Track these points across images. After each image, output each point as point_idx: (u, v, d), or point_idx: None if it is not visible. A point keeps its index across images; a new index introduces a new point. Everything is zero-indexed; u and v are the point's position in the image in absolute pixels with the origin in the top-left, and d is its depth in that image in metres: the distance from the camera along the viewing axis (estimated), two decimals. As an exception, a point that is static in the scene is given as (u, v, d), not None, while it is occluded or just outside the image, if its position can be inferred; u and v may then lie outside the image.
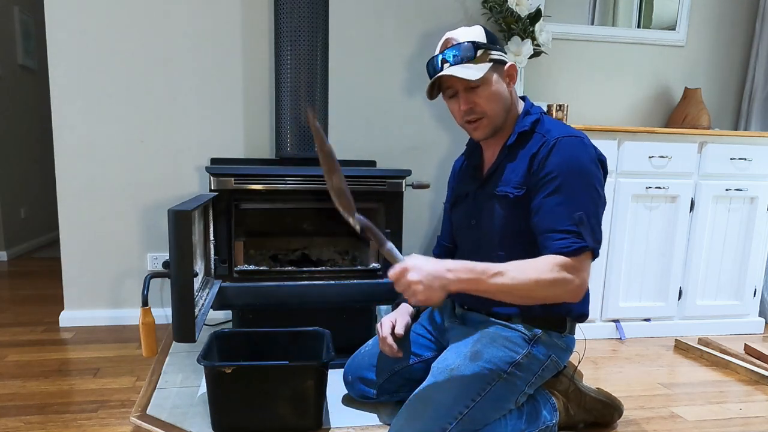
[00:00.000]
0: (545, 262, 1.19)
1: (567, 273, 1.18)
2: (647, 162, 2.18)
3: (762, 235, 2.33)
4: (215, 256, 1.80)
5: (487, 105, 1.30)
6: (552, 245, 1.21)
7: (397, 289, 1.14)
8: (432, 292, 1.11)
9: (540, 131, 1.32)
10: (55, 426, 1.45)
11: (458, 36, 1.30)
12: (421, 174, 2.43)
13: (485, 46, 1.28)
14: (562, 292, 1.19)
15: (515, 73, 1.35)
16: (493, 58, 1.29)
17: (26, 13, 3.81)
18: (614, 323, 2.29)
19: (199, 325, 1.40)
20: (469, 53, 1.27)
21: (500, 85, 1.31)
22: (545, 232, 1.23)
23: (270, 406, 1.38)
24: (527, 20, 2.21)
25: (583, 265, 1.20)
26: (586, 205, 1.22)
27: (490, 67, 1.28)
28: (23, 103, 3.83)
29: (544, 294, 1.19)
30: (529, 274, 1.16)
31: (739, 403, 1.73)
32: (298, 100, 1.94)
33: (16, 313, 2.43)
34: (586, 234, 1.20)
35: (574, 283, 1.19)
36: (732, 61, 2.68)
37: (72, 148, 2.18)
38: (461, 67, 1.27)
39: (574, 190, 1.22)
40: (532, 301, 1.21)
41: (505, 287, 1.15)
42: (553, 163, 1.24)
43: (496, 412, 1.28)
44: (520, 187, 1.30)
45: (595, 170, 1.25)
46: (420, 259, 1.14)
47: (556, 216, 1.22)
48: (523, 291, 1.17)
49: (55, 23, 2.10)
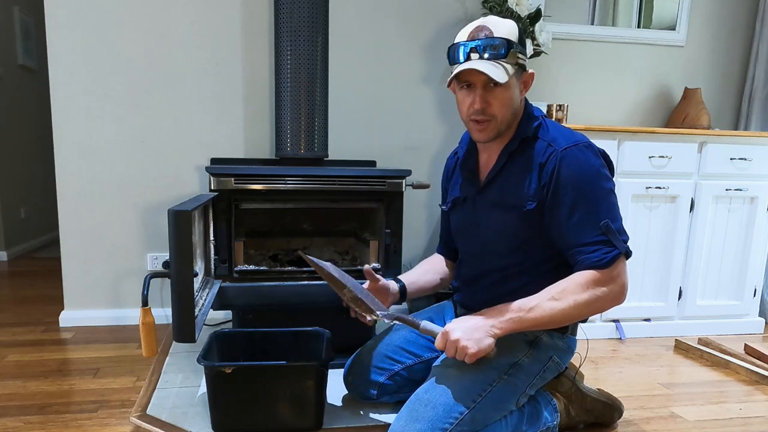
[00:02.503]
0: (578, 282, 1.20)
1: (601, 287, 1.19)
2: (647, 162, 2.18)
3: (762, 235, 2.33)
4: (215, 256, 1.80)
5: (499, 108, 1.25)
6: (586, 259, 1.21)
7: (449, 356, 1.21)
8: (479, 343, 1.18)
9: (544, 138, 1.29)
10: (55, 426, 1.45)
11: (493, 27, 1.22)
12: (421, 174, 2.43)
13: (516, 48, 1.22)
14: (603, 304, 1.22)
15: (531, 81, 1.31)
16: (519, 63, 1.25)
17: (26, 13, 3.81)
18: (614, 323, 2.29)
19: (199, 325, 1.40)
20: (501, 52, 1.20)
21: (516, 91, 1.27)
22: (574, 246, 1.23)
23: (270, 406, 1.38)
24: (527, 20, 2.21)
25: (619, 271, 1.21)
26: (607, 212, 1.22)
27: (514, 71, 1.24)
28: (23, 103, 3.83)
29: (587, 312, 1.22)
30: (566, 300, 1.19)
31: (739, 403, 1.73)
32: (298, 100, 1.94)
33: (16, 313, 2.43)
34: (615, 240, 1.20)
35: (613, 292, 1.20)
36: (732, 61, 2.68)
37: (72, 148, 2.17)
38: (491, 65, 1.20)
39: (591, 200, 1.22)
40: (578, 319, 1.26)
41: (547, 318, 1.20)
42: (565, 176, 1.23)
43: (497, 412, 1.27)
44: (532, 200, 1.28)
45: (605, 174, 1.25)
46: (457, 321, 1.23)
47: (582, 230, 1.22)
48: (565, 316, 1.21)
49: (55, 23, 2.10)
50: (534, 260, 1.31)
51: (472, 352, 1.17)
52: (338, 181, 1.82)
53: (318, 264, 1.36)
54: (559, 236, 1.26)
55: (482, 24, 1.24)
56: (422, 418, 1.20)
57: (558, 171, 1.24)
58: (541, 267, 1.29)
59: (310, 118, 1.95)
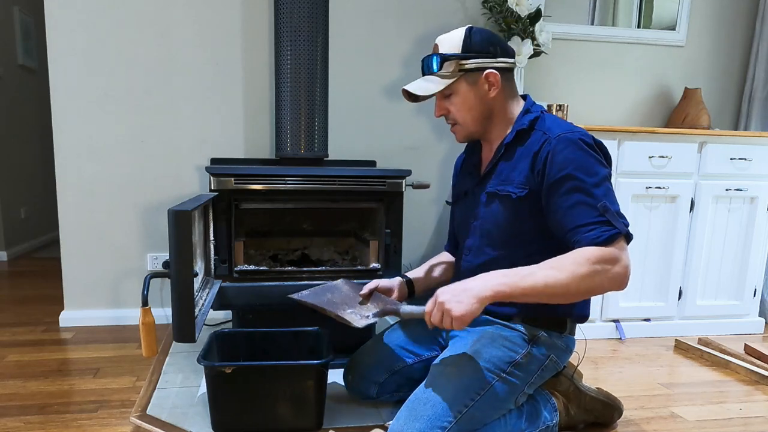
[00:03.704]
0: (578, 255, 1.15)
1: (603, 263, 1.14)
2: (647, 162, 2.18)
3: (762, 235, 2.33)
4: (215, 256, 1.80)
5: (457, 113, 1.36)
6: (584, 238, 1.17)
7: (436, 324, 1.16)
8: (466, 306, 1.11)
9: (540, 128, 1.31)
10: (55, 426, 1.46)
11: (440, 43, 1.35)
12: (421, 174, 2.43)
13: (456, 57, 1.31)
14: (602, 281, 1.15)
15: (495, 79, 1.32)
16: (464, 68, 1.31)
17: (26, 13, 3.81)
18: (614, 323, 2.29)
19: (199, 325, 1.40)
20: (435, 66, 1.33)
21: (473, 94, 1.33)
22: (571, 229, 1.20)
23: (270, 406, 1.38)
24: (527, 20, 2.21)
25: (619, 251, 1.16)
26: (604, 195, 1.21)
27: (458, 78, 1.32)
28: (23, 103, 3.83)
29: (586, 287, 1.15)
30: (564, 270, 1.14)
31: (739, 403, 1.73)
32: (298, 100, 1.94)
33: (16, 313, 2.43)
34: (614, 221, 1.18)
35: (613, 270, 1.15)
36: (732, 61, 2.68)
37: (72, 148, 2.18)
38: (422, 81, 1.35)
39: (588, 183, 1.21)
40: (575, 297, 1.17)
41: (541, 287, 1.14)
42: (559, 161, 1.23)
43: (496, 411, 1.28)
44: (523, 187, 1.30)
45: (601, 160, 1.25)
46: (447, 286, 1.19)
47: (579, 213, 1.20)
48: (563, 288, 1.14)
49: (55, 23, 2.10)
50: (530, 251, 1.31)
51: (456, 315, 1.11)
52: (338, 181, 1.82)
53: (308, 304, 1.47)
54: (556, 222, 1.25)
55: (436, 41, 1.37)
56: (422, 417, 1.20)
57: (552, 156, 1.24)
58: (537, 258, 1.29)
59: (310, 118, 1.96)
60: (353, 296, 1.50)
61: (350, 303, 1.46)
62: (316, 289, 1.55)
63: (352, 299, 1.48)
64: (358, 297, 1.48)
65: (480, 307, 1.13)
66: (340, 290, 1.54)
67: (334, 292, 1.52)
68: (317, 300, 1.47)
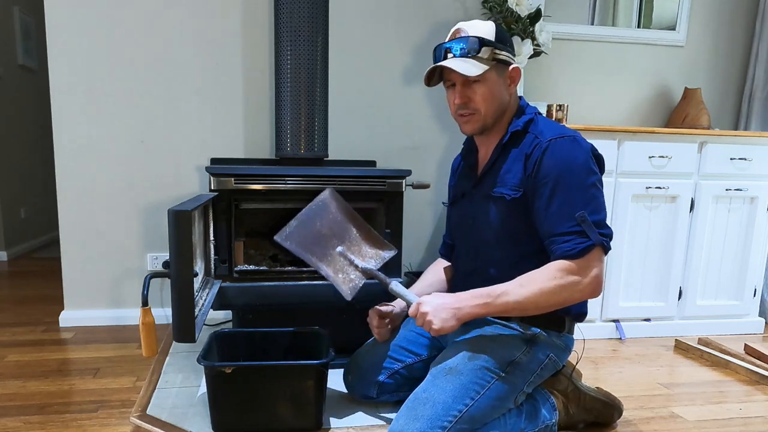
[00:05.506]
0: (547, 271, 1.22)
1: (572, 276, 1.20)
2: (647, 162, 2.18)
3: (762, 235, 2.33)
4: (215, 256, 1.80)
5: (481, 102, 1.32)
6: (557, 249, 1.23)
7: (417, 324, 1.28)
8: (444, 322, 1.23)
9: (533, 131, 1.32)
10: (55, 426, 1.46)
11: (469, 28, 1.31)
12: (421, 174, 2.43)
13: (492, 44, 1.29)
14: (571, 294, 1.22)
15: (518, 76, 1.35)
16: (497, 58, 1.30)
17: (26, 13, 3.81)
18: (614, 323, 2.29)
19: (199, 325, 1.40)
20: (474, 48, 1.27)
21: (499, 86, 1.32)
22: (549, 236, 1.25)
23: (270, 406, 1.38)
24: (527, 20, 2.21)
25: (591, 263, 1.21)
26: (585, 203, 1.22)
27: (491, 66, 1.29)
28: (23, 103, 3.83)
29: (555, 301, 1.22)
30: (532, 287, 1.21)
31: (739, 403, 1.73)
32: (298, 100, 1.94)
33: (16, 313, 2.43)
34: (590, 231, 1.20)
35: (582, 283, 1.20)
36: (732, 61, 2.68)
37: (72, 148, 2.18)
38: (461, 61, 1.28)
39: (570, 190, 1.23)
40: (548, 309, 1.24)
41: (512, 304, 1.22)
42: (547, 166, 1.25)
43: (495, 411, 1.28)
44: (517, 189, 1.31)
45: (590, 166, 1.26)
46: (432, 296, 1.29)
47: (557, 219, 1.23)
48: (532, 304, 1.22)
49: (55, 23, 2.10)
50: (525, 252, 1.32)
51: (435, 329, 1.23)
52: (338, 181, 1.82)
53: (285, 246, 1.49)
54: (539, 226, 1.28)
55: (460, 26, 1.33)
56: (421, 417, 1.20)
57: (540, 161, 1.26)
58: (533, 259, 1.29)
59: (310, 118, 1.96)
60: (345, 227, 1.49)
61: (340, 243, 1.47)
62: (304, 218, 1.49)
63: (343, 231, 1.49)
64: (349, 226, 1.49)
65: (457, 325, 1.25)
66: (328, 214, 1.50)
67: (323, 219, 1.49)
68: (305, 246, 1.46)
